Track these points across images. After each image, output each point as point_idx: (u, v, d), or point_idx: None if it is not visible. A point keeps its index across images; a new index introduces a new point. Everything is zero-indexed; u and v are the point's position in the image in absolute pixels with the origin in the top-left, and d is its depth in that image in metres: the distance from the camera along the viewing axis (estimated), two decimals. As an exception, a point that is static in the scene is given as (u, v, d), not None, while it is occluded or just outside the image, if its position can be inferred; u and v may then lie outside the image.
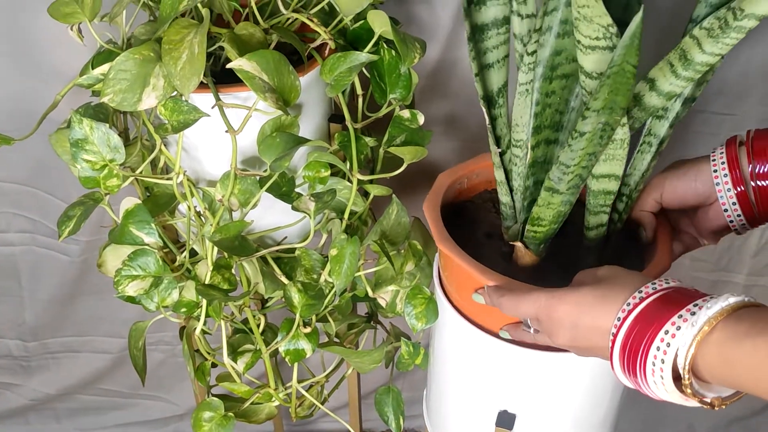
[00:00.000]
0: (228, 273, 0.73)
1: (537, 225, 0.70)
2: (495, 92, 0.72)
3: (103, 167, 0.70)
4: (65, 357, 1.32)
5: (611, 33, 0.57)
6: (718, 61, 0.61)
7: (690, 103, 0.68)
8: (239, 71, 0.66)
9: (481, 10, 0.69)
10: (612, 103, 0.58)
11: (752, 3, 0.55)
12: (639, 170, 0.71)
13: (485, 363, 0.74)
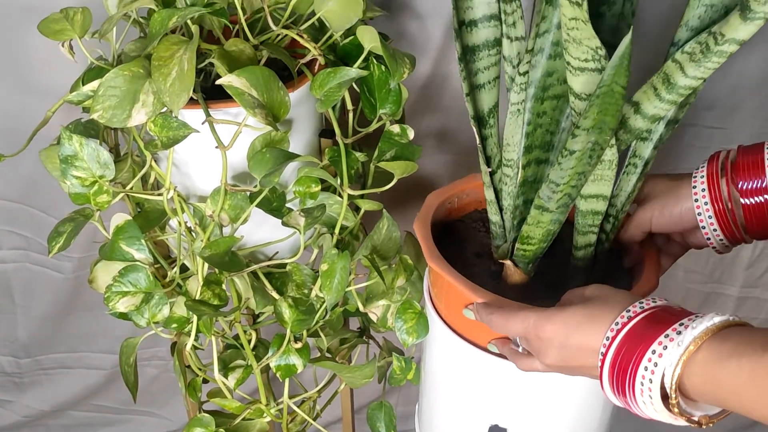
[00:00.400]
0: (218, 288, 0.73)
1: (526, 243, 0.71)
2: (486, 112, 0.72)
3: (92, 183, 0.70)
4: (58, 373, 1.31)
5: (600, 55, 0.58)
6: (701, 84, 0.61)
7: (673, 125, 0.69)
8: (229, 87, 0.67)
9: (472, 31, 0.69)
10: (601, 122, 0.59)
11: (732, 29, 0.55)
12: (625, 191, 0.72)
13: (476, 377, 0.74)
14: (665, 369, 0.52)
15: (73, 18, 0.71)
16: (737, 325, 0.53)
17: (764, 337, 0.50)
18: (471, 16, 0.69)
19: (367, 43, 0.75)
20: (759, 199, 0.66)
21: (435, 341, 0.78)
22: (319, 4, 0.75)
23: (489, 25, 0.69)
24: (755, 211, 0.67)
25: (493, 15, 0.69)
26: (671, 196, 0.71)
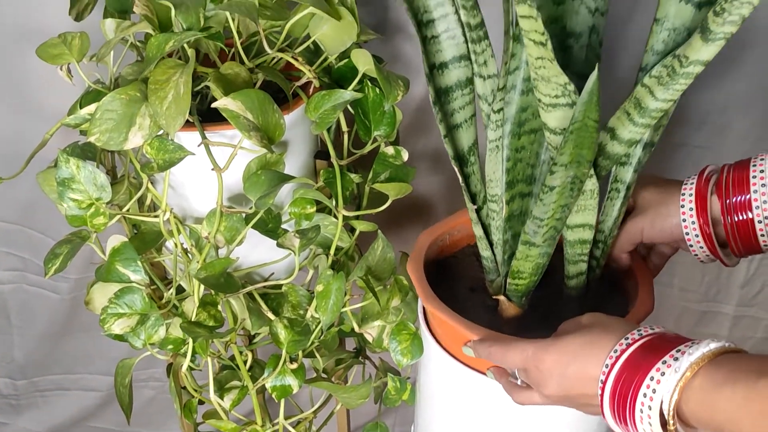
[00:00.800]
0: (214, 310, 0.74)
1: (517, 278, 0.72)
2: (466, 151, 0.74)
3: (89, 206, 0.71)
4: (54, 395, 1.31)
5: (569, 90, 0.59)
6: (672, 105, 0.63)
7: (650, 148, 0.70)
8: (224, 110, 0.67)
9: (444, 73, 0.71)
10: (578, 156, 0.60)
11: (695, 51, 0.57)
12: (611, 216, 0.73)
13: (470, 398, 0.74)
14: (663, 395, 0.53)
15: (71, 43, 0.72)
16: (733, 351, 0.54)
17: (758, 364, 0.51)
18: (441, 59, 0.71)
19: (362, 66, 0.76)
20: (743, 216, 0.67)
21: (430, 362, 0.78)
22: (314, 27, 0.76)
23: (460, 65, 0.71)
24: (740, 228, 0.68)
25: (462, 55, 0.71)
26: (661, 210, 0.72)
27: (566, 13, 0.67)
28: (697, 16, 0.63)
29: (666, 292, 1.22)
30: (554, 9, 0.66)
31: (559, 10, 0.67)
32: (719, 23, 0.54)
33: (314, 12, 0.72)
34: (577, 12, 0.67)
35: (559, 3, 0.67)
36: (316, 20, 0.75)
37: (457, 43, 0.71)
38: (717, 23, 0.54)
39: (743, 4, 0.52)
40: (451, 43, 0.71)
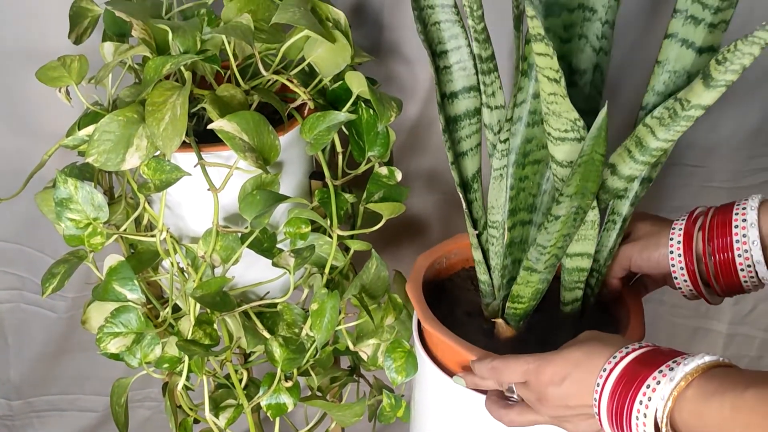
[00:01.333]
0: (210, 328, 0.75)
1: (517, 302, 0.73)
2: (470, 177, 0.76)
3: (87, 225, 0.72)
4: (50, 416, 1.30)
5: (579, 126, 0.62)
6: (671, 145, 0.65)
7: (647, 183, 0.73)
8: (220, 132, 0.69)
9: (454, 103, 0.74)
10: (583, 189, 0.62)
11: (697, 95, 0.59)
12: (607, 247, 0.75)
13: (464, 415, 0.75)
14: (658, 404, 0.55)
15: (70, 66, 0.74)
16: (726, 365, 0.56)
17: (747, 377, 0.53)
18: (452, 89, 0.74)
19: (356, 88, 0.77)
20: (725, 256, 0.70)
21: (425, 379, 0.79)
22: (308, 50, 0.77)
23: (469, 96, 0.74)
24: (723, 268, 0.70)
25: (472, 86, 0.73)
26: (652, 241, 0.75)
27: (572, 52, 0.70)
28: (698, 61, 0.66)
29: (658, 308, 1.23)
30: (561, 47, 0.69)
31: (565, 48, 0.70)
32: (721, 71, 0.56)
33: (309, 35, 0.74)
34: (583, 51, 0.70)
35: (566, 41, 0.69)
36: (310, 43, 0.77)
37: (467, 75, 0.73)
38: (719, 71, 0.56)
39: (745, 54, 0.55)
40: (462, 74, 0.73)
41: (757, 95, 0.98)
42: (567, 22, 0.69)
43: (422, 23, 0.72)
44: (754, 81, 0.97)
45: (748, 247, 0.68)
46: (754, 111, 1.00)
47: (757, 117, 1.01)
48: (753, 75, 0.96)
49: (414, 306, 0.76)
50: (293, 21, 0.71)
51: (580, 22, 0.69)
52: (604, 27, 0.69)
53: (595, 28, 0.69)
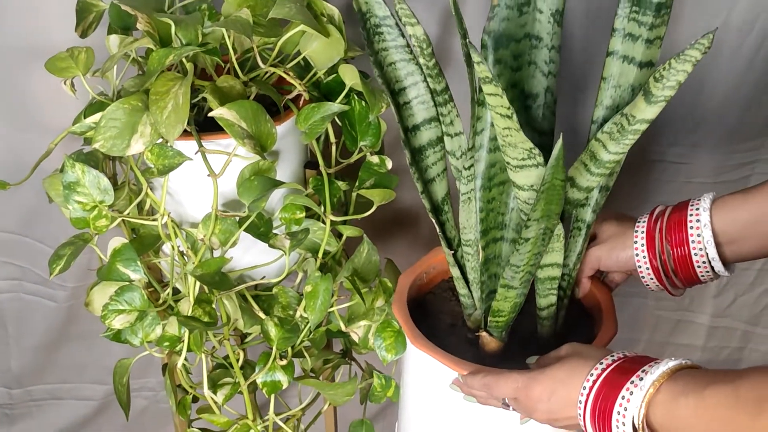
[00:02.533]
0: (209, 307, 0.78)
1: (498, 316, 0.78)
2: (440, 201, 0.81)
3: (93, 208, 0.75)
4: (49, 404, 1.32)
5: (534, 154, 0.66)
6: (623, 156, 0.70)
7: (606, 191, 0.78)
8: (220, 119, 0.72)
9: (417, 135, 0.79)
10: (548, 211, 0.67)
11: (640, 111, 0.64)
12: (575, 252, 0.80)
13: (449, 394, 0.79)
14: (633, 411, 0.60)
15: (77, 57, 0.77)
16: (690, 367, 0.61)
17: (707, 377, 0.59)
18: (413, 122, 0.79)
19: (349, 80, 0.81)
20: (682, 251, 0.75)
21: (411, 359, 0.83)
22: (304, 44, 0.81)
23: (430, 126, 0.79)
24: (680, 262, 0.75)
25: (432, 118, 0.78)
26: (618, 242, 0.80)
27: (524, 78, 0.76)
28: (639, 75, 0.71)
29: (642, 302, 1.27)
30: (512, 75, 0.75)
31: (516, 76, 0.75)
32: (660, 88, 0.62)
33: (305, 30, 0.78)
34: (533, 76, 0.76)
35: (516, 69, 0.75)
36: (306, 37, 0.80)
37: (427, 107, 0.78)
38: (658, 88, 0.62)
39: (679, 71, 0.60)
40: (422, 107, 0.78)
41: (735, 95, 1.02)
42: (516, 52, 0.74)
43: (379, 66, 0.77)
44: (732, 81, 1.01)
45: (702, 246, 0.74)
46: (733, 110, 1.04)
47: (735, 115, 1.05)
48: (731, 76, 1.01)
49: (401, 325, 0.80)
50: (289, 16, 0.75)
51: (528, 51, 0.74)
52: (551, 52, 0.74)
53: (543, 54, 0.74)
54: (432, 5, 0.95)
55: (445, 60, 0.98)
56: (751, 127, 1.06)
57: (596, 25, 0.96)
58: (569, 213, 0.77)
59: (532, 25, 0.74)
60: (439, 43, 0.98)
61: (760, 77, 1.00)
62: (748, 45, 0.97)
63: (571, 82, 1.00)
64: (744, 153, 1.09)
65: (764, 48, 0.97)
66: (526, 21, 0.73)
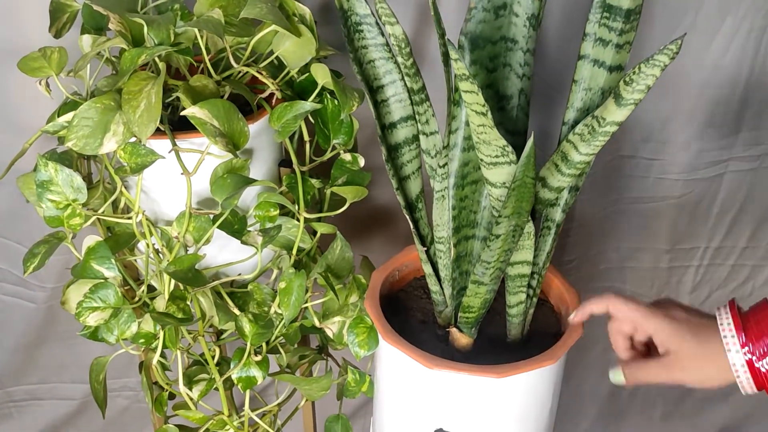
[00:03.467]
0: (183, 303, 0.79)
1: (468, 312, 0.80)
2: (414, 198, 0.83)
3: (66, 206, 0.76)
4: (29, 405, 1.32)
5: (508, 151, 0.68)
6: (593, 158, 0.71)
7: (575, 191, 0.79)
8: (192, 118, 0.73)
9: (393, 132, 0.80)
10: (519, 209, 0.69)
11: (610, 113, 0.66)
12: (544, 251, 0.82)
13: (420, 386, 0.80)
14: None
15: (50, 56, 0.78)
16: None
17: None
18: (390, 120, 0.80)
19: (321, 79, 0.82)
20: None
21: (383, 353, 0.84)
22: (276, 43, 0.82)
23: (406, 124, 0.81)
24: None
25: (408, 116, 0.80)
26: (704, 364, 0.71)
27: (499, 80, 0.78)
28: (609, 78, 0.73)
29: (620, 296, 1.29)
30: (488, 76, 0.77)
31: (492, 77, 0.77)
32: (629, 91, 0.63)
33: (277, 29, 0.79)
34: (508, 78, 0.78)
35: (492, 71, 0.77)
36: (278, 37, 0.81)
37: (404, 105, 0.80)
38: (628, 91, 0.64)
39: (648, 76, 0.62)
40: (399, 105, 0.80)
41: (703, 94, 1.04)
42: (492, 54, 0.76)
43: (358, 63, 0.78)
44: (700, 81, 1.03)
45: None
46: (702, 108, 1.06)
47: (705, 113, 1.07)
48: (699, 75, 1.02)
49: (373, 321, 0.81)
50: (261, 16, 0.76)
51: (503, 53, 0.76)
52: (525, 55, 0.76)
53: (518, 57, 0.76)
54: (410, 6, 0.96)
55: (422, 61, 0.99)
56: (722, 125, 1.08)
57: (573, 30, 0.98)
58: (540, 213, 0.79)
59: (508, 28, 0.75)
60: (417, 44, 0.99)
61: (727, 77, 1.02)
62: (717, 44, 0.99)
63: (547, 84, 1.01)
64: (717, 151, 1.11)
65: (731, 49, 0.99)
66: (502, 24, 0.75)
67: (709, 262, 1.24)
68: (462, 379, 0.75)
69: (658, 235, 1.19)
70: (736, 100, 1.05)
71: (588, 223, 1.18)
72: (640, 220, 1.18)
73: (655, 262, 1.23)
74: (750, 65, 1.01)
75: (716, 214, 1.17)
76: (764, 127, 1.09)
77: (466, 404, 0.78)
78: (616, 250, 1.22)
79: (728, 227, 1.19)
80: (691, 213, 1.17)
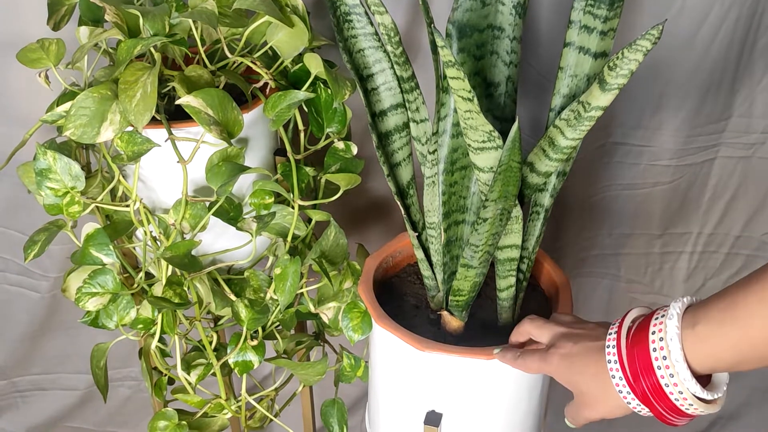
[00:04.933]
0: (179, 289, 0.81)
1: (458, 295, 0.81)
2: (405, 185, 0.84)
3: (65, 194, 0.78)
4: (33, 395, 1.34)
5: (494, 136, 0.69)
6: (579, 142, 0.73)
7: (563, 177, 0.81)
8: (187, 107, 0.75)
9: (384, 120, 0.82)
10: (506, 192, 0.70)
11: (595, 98, 0.67)
12: (533, 236, 0.83)
13: (412, 369, 0.82)
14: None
15: (48, 48, 0.79)
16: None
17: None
18: (380, 108, 0.82)
19: (314, 69, 0.84)
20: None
21: (376, 337, 0.85)
22: (270, 34, 0.83)
23: (397, 112, 0.82)
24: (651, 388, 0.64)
25: (399, 104, 0.82)
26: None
27: (486, 67, 0.79)
28: (594, 65, 0.75)
29: (615, 284, 1.30)
30: (475, 64, 0.78)
31: (479, 65, 0.78)
32: (613, 76, 0.65)
33: (270, 20, 0.80)
34: (495, 65, 0.79)
35: (479, 58, 0.78)
36: (272, 28, 0.83)
37: (393, 94, 0.81)
38: (612, 76, 0.65)
39: (631, 61, 0.63)
40: (389, 93, 0.81)
41: (693, 80, 1.05)
42: (479, 42, 0.77)
43: (348, 52, 0.80)
44: (690, 67, 1.04)
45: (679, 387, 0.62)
46: (692, 94, 1.07)
47: (695, 99, 1.08)
48: (689, 61, 1.04)
49: (366, 305, 0.83)
50: (253, 7, 0.77)
51: (490, 41, 0.78)
52: (512, 43, 0.77)
53: (505, 45, 0.78)
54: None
55: (414, 50, 1.01)
56: (712, 111, 1.09)
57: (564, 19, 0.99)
58: (528, 198, 0.80)
59: (494, 17, 0.77)
60: (409, 34, 1.01)
61: (716, 64, 1.03)
62: (704, 32, 1.00)
63: (539, 73, 1.03)
64: (707, 136, 1.12)
65: (720, 35, 1.00)
66: (489, 12, 0.76)
67: (703, 249, 1.25)
68: (453, 361, 0.77)
69: (650, 221, 1.21)
70: (725, 87, 1.06)
71: (580, 209, 1.20)
72: (631, 206, 1.19)
73: (647, 248, 1.24)
74: (738, 51, 1.03)
75: (708, 199, 1.18)
76: (755, 115, 1.10)
77: (458, 386, 0.80)
78: (609, 236, 1.23)
79: (721, 214, 1.20)
80: (683, 198, 1.18)
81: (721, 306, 0.58)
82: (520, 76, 0.83)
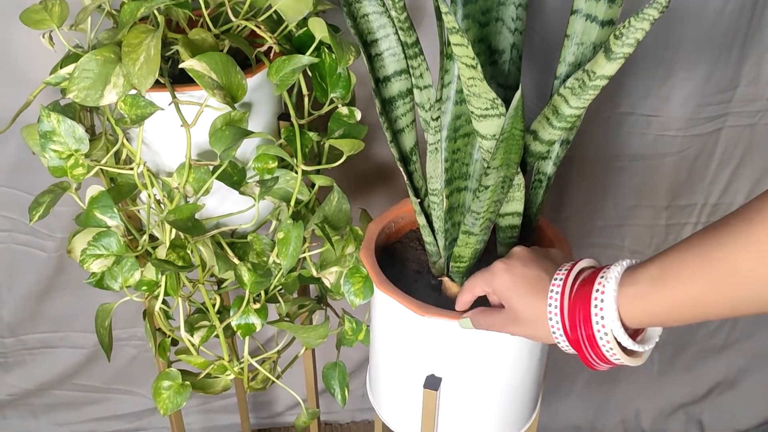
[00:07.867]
0: (183, 252, 0.81)
1: (459, 262, 0.81)
2: (408, 151, 0.84)
3: (69, 156, 0.78)
4: (41, 353, 1.36)
5: (497, 104, 0.69)
6: (583, 111, 0.72)
7: (566, 145, 0.80)
8: (190, 70, 0.75)
9: (388, 86, 0.81)
10: (508, 160, 0.70)
11: (600, 67, 0.66)
12: (535, 204, 0.83)
13: (412, 334, 0.83)
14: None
15: (51, 9, 0.79)
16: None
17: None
18: (384, 73, 0.81)
19: (318, 33, 0.83)
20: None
21: (377, 301, 0.86)
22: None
23: (400, 78, 0.81)
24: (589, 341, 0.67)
25: (402, 70, 0.81)
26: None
27: (491, 34, 0.78)
28: (601, 33, 0.74)
29: (618, 255, 1.30)
30: (480, 31, 0.77)
31: (484, 32, 0.78)
32: (619, 45, 0.64)
33: (274, -17, 0.80)
34: (500, 32, 0.78)
35: (484, 25, 0.77)
36: (276, -9, 0.82)
37: (398, 59, 0.81)
38: (617, 45, 0.64)
39: (637, 30, 0.62)
40: (393, 59, 0.81)
41: (703, 49, 1.04)
42: (484, 8, 0.76)
43: (352, 17, 0.79)
44: (700, 35, 1.03)
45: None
46: (702, 63, 1.06)
47: (704, 68, 1.07)
48: (699, 30, 1.02)
49: (368, 270, 0.83)
50: (258, -31, 0.76)
51: (495, 7, 0.77)
52: (518, 10, 0.76)
53: (510, 12, 0.77)
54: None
55: (417, 16, 1.00)
56: (721, 80, 1.08)
57: None
58: (531, 166, 0.80)
59: None
60: (415, 0, 1.00)
61: (726, 31, 1.02)
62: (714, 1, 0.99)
63: (546, 41, 1.02)
64: (715, 106, 1.11)
65: (730, 3, 0.99)
66: None
67: (707, 219, 1.25)
68: (452, 326, 0.78)
69: (656, 192, 1.21)
70: (735, 54, 1.05)
71: (587, 179, 1.20)
72: (638, 177, 1.19)
73: (654, 219, 1.24)
74: (749, 18, 1.01)
75: (714, 169, 1.18)
76: (762, 82, 1.09)
77: (457, 351, 0.81)
78: (615, 207, 1.23)
79: (725, 184, 1.20)
80: (689, 169, 1.18)
81: (666, 264, 0.60)
82: (526, 44, 0.82)
